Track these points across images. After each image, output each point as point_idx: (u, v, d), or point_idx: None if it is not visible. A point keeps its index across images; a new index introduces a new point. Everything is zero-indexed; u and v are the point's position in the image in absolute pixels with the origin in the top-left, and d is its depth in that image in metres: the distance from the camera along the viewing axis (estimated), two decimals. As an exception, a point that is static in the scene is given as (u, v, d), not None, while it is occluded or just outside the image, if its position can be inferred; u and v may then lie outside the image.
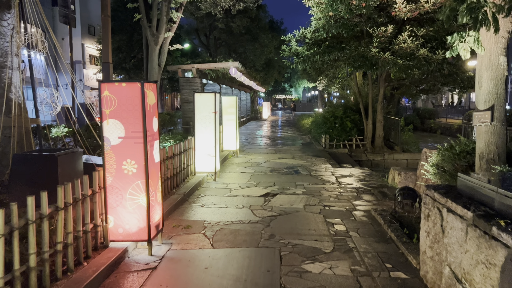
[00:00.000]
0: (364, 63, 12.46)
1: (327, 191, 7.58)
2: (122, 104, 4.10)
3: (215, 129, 8.23)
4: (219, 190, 7.53)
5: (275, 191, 7.54)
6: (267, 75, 35.18)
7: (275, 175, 9.15)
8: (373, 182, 8.45)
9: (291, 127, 26.38)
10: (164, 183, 6.42)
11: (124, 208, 4.21)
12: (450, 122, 35.00)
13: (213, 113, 8.19)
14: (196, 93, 8.22)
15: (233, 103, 12.05)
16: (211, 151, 8.27)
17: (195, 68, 14.48)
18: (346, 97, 18.70)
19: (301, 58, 13.36)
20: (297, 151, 13.96)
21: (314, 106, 58.81)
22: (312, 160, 11.64)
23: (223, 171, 9.55)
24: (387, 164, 14.28)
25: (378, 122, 14.57)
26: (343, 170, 9.99)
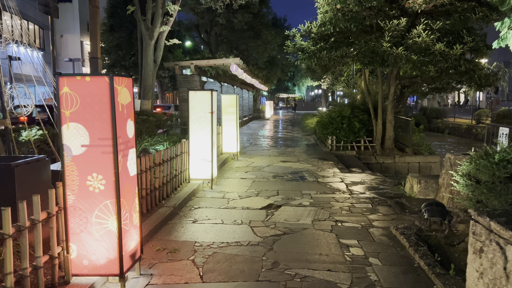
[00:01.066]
0: (375, 59, 11.58)
1: (338, 201, 6.70)
2: (86, 103, 3.24)
3: (212, 131, 7.37)
4: (216, 201, 6.66)
5: (278, 201, 6.66)
6: (270, 73, 34.31)
7: (278, 181, 8.27)
8: (388, 190, 7.56)
9: (294, 127, 25.49)
10: (149, 194, 5.56)
11: (90, 235, 3.35)
12: (459, 122, 34.02)
13: (209, 113, 7.33)
14: (190, 91, 7.35)
15: (233, 102, 11.18)
16: (207, 155, 7.40)
17: (193, 65, 13.62)
18: (352, 96, 17.81)
19: (306, 54, 12.50)
20: (302, 153, 13.08)
21: (318, 105, 57.91)
22: (319, 164, 10.76)
23: (222, 177, 8.68)
24: (397, 167, 13.39)
25: (388, 122, 13.66)
26: (353, 175, 9.10)
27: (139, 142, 8.88)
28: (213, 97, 7.44)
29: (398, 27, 10.99)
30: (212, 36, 24.59)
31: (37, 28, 32.92)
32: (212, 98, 7.33)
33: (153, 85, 12.17)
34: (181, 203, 6.16)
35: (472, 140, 28.50)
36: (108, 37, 27.47)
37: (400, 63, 11.26)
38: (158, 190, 5.93)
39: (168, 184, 6.36)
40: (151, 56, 11.78)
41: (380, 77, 13.77)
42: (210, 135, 7.35)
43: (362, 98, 16.46)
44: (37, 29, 33.08)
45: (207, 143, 7.38)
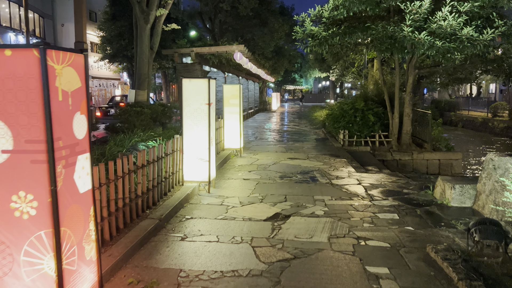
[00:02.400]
0: (393, 45, 10.45)
1: (357, 210, 5.64)
2: (7, 90, 2.20)
3: (209, 126, 6.32)
4: (212, 209, 5.63)
5: (287, 210, 5.62)
6: (276, 63, 33.09)
7: (286, 184, 7.22)
8: (414, 196, 6.48)
9: (302, 120, 24.36)
10: (128, 205, 4.52)
11: (17, 279, 2.33)
12: (473, 114, 32.68)
13: (206, 104, 6.27)
14: (184, 79, 6.30)
15: (236, 93, 10.11)
16: (204, 154, 6.36)
17: (194, 52, 12.53)
18: (365, 87, 16.66)
19: (317, 41, 11.37)
20: (311, 149, 12.01)
21: (326, 97, 56.64)
22: (331, 162, 9.68)
23: (222, 177, 7.65)
24: (416, 165, 12.28)
25: (405, 115, 12.53)
26: (371, 176, 8.03)
27: (129, 137, 7.87)
28: (211, 86, 6.38)
29: (420, 10, 9.82)
30: (216, 24, 23.42)
31: (36, 17, 31.93)
32: (210, 87, 6.27)
33: (149, 74, 11.14)
34: (170, 212, 5.14)
35: (488, 134, 27.24)
36: (110, 26, 26.47)
37: (423, 50, 10.14)
38: (142, 198, 4.90)
39: (155, 190, 5.33)
40: (146, 42, 10.73)
41: (398, 66, 12.62)
42: (207, 130, 6.31)
43: (376, 89, 15.32)
44: (37, 17, 32.09)
45: (203, 139, 6.34)
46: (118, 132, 9.55)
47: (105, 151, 6.67)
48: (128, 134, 8.21)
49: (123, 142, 7.56)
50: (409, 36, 9.73)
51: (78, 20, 8.09)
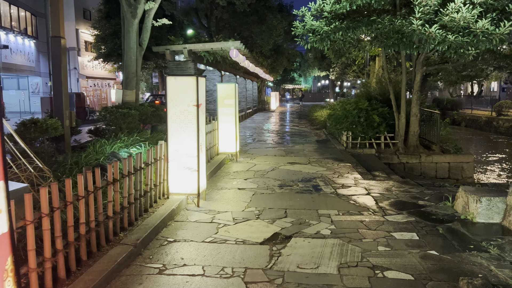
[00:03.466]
0: (401, 40, 9.66)
1: (369, 229, 4.85)
2: None
3: (198, 130, 5.52)
4: (201, 228, 4.83)
5: (287, 229, 4.82)
6: (275, 62, 32.29)
7: (286, 194, 6.43)
8: (432, 209, 5.69)
9: (302, 120, 23.58)
10: (94, 230, 3.72)
11: None
12: (476, 113, 31.93)
13: (194, 106, 5.48)
14: (168, 77, 5.51)
15: (231, 92, 9.32)
16: (192, 163, 5.56)
17: (186, 49, 11.74)
18: (367, 85, 15.88)
19: (318, 36, 10.58)
20: (313, 152, 11.22)
21: (325, 96, 55.83)
22: (334, 167, 8.90)
23: (214, 187, 6.86)
24: (424, 168, 11.50)
25: (412, 115, 11.75)
26: (380, 184, 7.23)
27: (111, 142, 7.07)
28: (200, 85, 5.59)
29: (430, 1, 9.04)
30: (212, 22, 22.61)
31: (28, 15, 31.06)
32: (199, 86, 5.48)
33: (137, 72, 10.33)
34: (150, 234, 4.34)
35: (493, 133, 26.49)
36: (104, 24, 25.67)
37: (433, 45, 9.37)
38: (114, 219, 4.10)
39: (132, 207, 4.53)
40: (134, 38, 9.91)
41: (404, 63, 11.82)
42: (196, 135, 5.51)
43: (380, 87, 14.53)
44: (29, 16, 31.22)
45: (191, 146, 5.54)
46: (104, 135, 8.76)
47: (80, 159, 5.86)
48: (110, 139, 7.42)
49: (103, 148, 6.76)
50: (419, 30, 8.95)
51: (54, 12, 7.29)
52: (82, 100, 26.35)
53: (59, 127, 6.61)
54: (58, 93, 7.41)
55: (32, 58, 30.69)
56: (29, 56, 30.18)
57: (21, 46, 29.12)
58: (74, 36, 34.38)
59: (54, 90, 7.40)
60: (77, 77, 34.33)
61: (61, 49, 7.41)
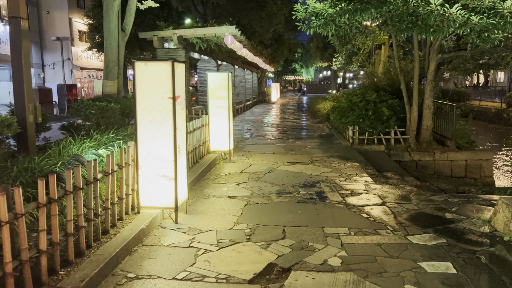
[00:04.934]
0: (415, 24, 8.54)
1: (390, 256, 3.78)
2: None
3: (175, 129, 4.43)
4: (174, 256, 3.77)
5: (285, 256, 3.76)
6: (276, 52, 31.04)
7: (285, 205, 5.35)
8: (465, 224, 4.61)
9: (303, 112, 22.46)
10: (10, 276, 2.65)
11: None
12: (485, 105, 30.76)
13: (169, 99, 4.38)
14: (137, 62, 4.40)
15: (224, 83, 8.21)
16: (168, 169, 4.48)
17: (176, 36, 10.61)
18: (374, 75, 14.73)
19: (322, 20, 9.46)
20: (316, 148, 10.13)
21: (328, 88, 54.55)
22: (340, 167, 7.82)
23: (200, 195, 5.79)
24: (438, 166, 10.42)
25: (425, 108, 10.65)
26: (395, 190, 6.15)
27: (78, 142, 6.00)
28: (178, 73, 4.49)
29: (451, -22, 7.93)
30: (208, 8, 21.39)
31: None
32: (176, 74, 4.38)
33: (119, 60, 9.22)
34: (103, 268, 3.28)
35: (503, 125, 25.35)
36: (98, 12, 24.44)
37: (453, 28, 8.24)
38: (50, 253, 3.03)
39: (82, 232, 3.46)
40: (114, 22, 8.79)
41: (417, 49, 10.68)
42: (172, 135, 4.42)
43: (388, 77, 13.39)
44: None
45: (166, 148, 4.45)
46: (79, 132, 7.68)
47: (34, 164, 4.79)
48: (80, 137, 6.34)
49: (68, 150, 5.68)
50: (437, 11, 7.80)
51: (12, -12, 6.16)
52: (74, 92, 25.24)
53: (14, 124, 5.54)
54: (19, 84, 6.33)
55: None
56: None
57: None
58: (67, 25, 33.15)
59: (14, 81, 6.33)
60: (71, 68, 33.16)
61: (22, 32, 6.31)
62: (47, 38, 32.37)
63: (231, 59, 18.43)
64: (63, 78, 32.13)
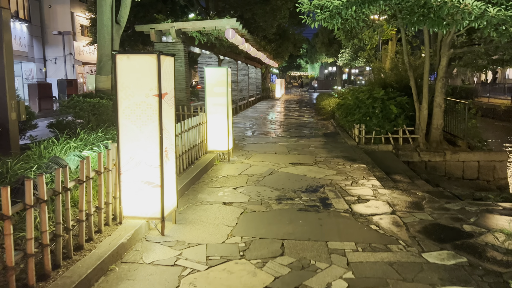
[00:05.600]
0: (427, 16, 8.00)
1: (404, 279, 3.28)
2: None
3: (161, 130, 3.95)
4: (156, 278, 3.29)
5: (283, 278, 3.28)
6: (280, 47, 30.47)
7: (285, 213, 4.87)
8: (487, 239, 4.10)
9: (308, 109, 21.93)
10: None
11: None
12: (494, 102, 30.07)
13: (155, 96, 3.90)
14: (119, 55, 3.92)
15: (222, 79, 7.72)
16: (154, 175, 4.00)
17: (174, 29, 10.12)
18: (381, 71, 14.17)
19: (328, 12, 8.95)
20: (320, 148, 9.63)
21: (333, 84, 53.86)
22: (346, 169, 7.32)
23: (193, 200, 5.31)
24: (449, 167, 9.89)
25: (436, 106, 10.10)
26: (406, 196, 5.65)
27: (61, 142, 5.53)
28: (166, 67, 4.01)
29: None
30: (211, 2, 20.88)
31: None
32: (161, 69, 3.89)
33: (113, 54, 8.72)
34: (71, 294, 2.81)
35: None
36: (99, 6, 23.93)
37: (468, 21, 7.70)
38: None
39: (47, 251, 2.99)
40: (108, 14, 8.31)
41: (428, 44, 10.12)
42: (158, 137, 3.94)
43: (396, 73, 12.83)
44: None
45: (152, 152, 3.98)
46: (70, 130, 7.24)
47: (7, 168, 4.33)
48: (65, 136, 5.88)
49: (50, 151, 5.23)
50: (451, 3, 7.26)
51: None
52: (75, 87, 24.83)
53: (-11, 123, 5.10)
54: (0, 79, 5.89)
55: (24, 42, 29.12)
56: (21, 41, 28.61)
57: (12, 30, 27.46)
58: (69, 20, 32.70)
59: (-6, 75, 5.89)
60: (73, 63, 32.75)
61: (3, 23, 5.85)
62: (49, 32, 31.95)
63: (234, 54, 17.92)
64: (65, 73, 31.76)
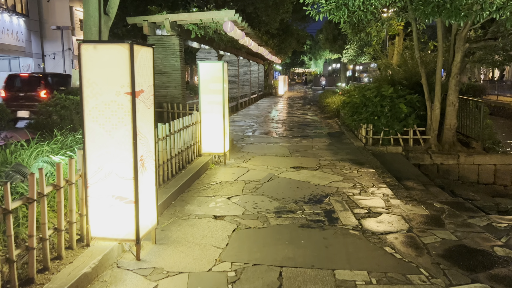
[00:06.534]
0: (443, 7, 7.34)
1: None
2: None
3: (135, 134, 3.29)
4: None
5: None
6: (283, 43, 29.74)
7: (284, 231, 4.19)
8: (524, 266, 3.43)
9: (312, 107, 21.23)
10: None
11: None
12: (503, 100, 29.27)
13: (127, 94, 3.23)
14: (83, 45, 3.25)
15: (218, 74, 7.04)
16: (127, 189, 3.34)
17: (169, 21, 9.43)
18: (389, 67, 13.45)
19: (333, 3, 8.30)
20: (324, 150, 8.95)
21: (337, 81, 53.03)
22: (353, 175, 6.64)
23: (179, 213, 4.65)
24: (463, 171, 9.19)
25: (449, 105, 9.40)
26: (423, 209, 4.96)
27: (31, 145, 4.88)
28: (141, 60, 3.34)
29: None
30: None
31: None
32: (135, 61, 3.22)
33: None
34: None
35: (526, 123, 23.95)
36: (97, 0, 23.25)
37: (488, 12, 7.03)
38: None
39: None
40: (94, 4, 7.63)
41: (441, 38, 9.39)
42: (132, 143, 3.28)
43: (406, 70, 12.10)
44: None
45: (124, 161, 3.31)
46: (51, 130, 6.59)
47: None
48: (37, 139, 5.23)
49: (17, 156, 4.57)
50: (470, -9, 6.62)
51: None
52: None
53: None
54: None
55: (21, 37, 28.52)
56: (18, 36, 28.00)
57: (9, 24, 26.88)
58: (68, 14, 32.03)
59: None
60: (72, 58, 32.11)
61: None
62: (47, 27, 31.31)
63: (234, 49, 17.21)
64: (63, 69, 31.13)
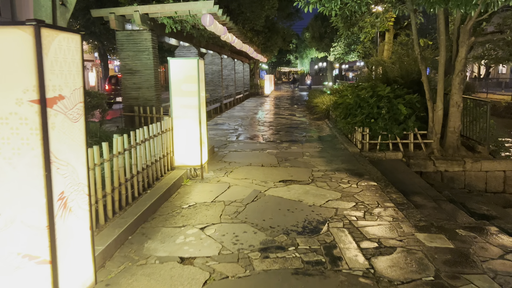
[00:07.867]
0: (450, -6, 6.40)
1: None
2: None
3: (46, 162, 2.20)
4: None
5: None
6: (269, 41, 28.72)
7: (273, 282, 3.13)
8: None
9: (299, 107, 20.25)
10: None
11: None
12: (493, 98, 28.70)
13: (33, 102, 2.14)
14: (-37, 28, 2.15)
15: (192, 73, 5.94)
16: (39, 242, 2.25)
17: (139, 13, 8.31)
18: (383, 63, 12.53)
19: (325, -6, 7.37)
20: (317, 157, 7.93)
21: (323, 80, 52.25)
22: (353, 190, 5.62)
23: (134, 257, 3.56)
24: (469, 179, 8.29)
25: (453, 106, 8.51)
26: (443, 239, 3.96)
27: None
28: (60, 52, 2.25)
29: None
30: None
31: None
32: (42, 53, 2.13)
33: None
34: None
35: (515, 120, 23.34)
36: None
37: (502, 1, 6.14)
38: None
39: None
40: (47, -9, 6.49)
41: (444, 31, 8.46)
42: (43, 175, 2.19)
43: (402, 67, 11.16)
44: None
45: (32, 202, 2.22)
46: None
47: None
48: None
49: None
50: (486, -25, 5.68)
51: None
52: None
53: None
54: None
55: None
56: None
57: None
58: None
59: None
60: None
61: None
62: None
63: (217, 46, 16.12)
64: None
